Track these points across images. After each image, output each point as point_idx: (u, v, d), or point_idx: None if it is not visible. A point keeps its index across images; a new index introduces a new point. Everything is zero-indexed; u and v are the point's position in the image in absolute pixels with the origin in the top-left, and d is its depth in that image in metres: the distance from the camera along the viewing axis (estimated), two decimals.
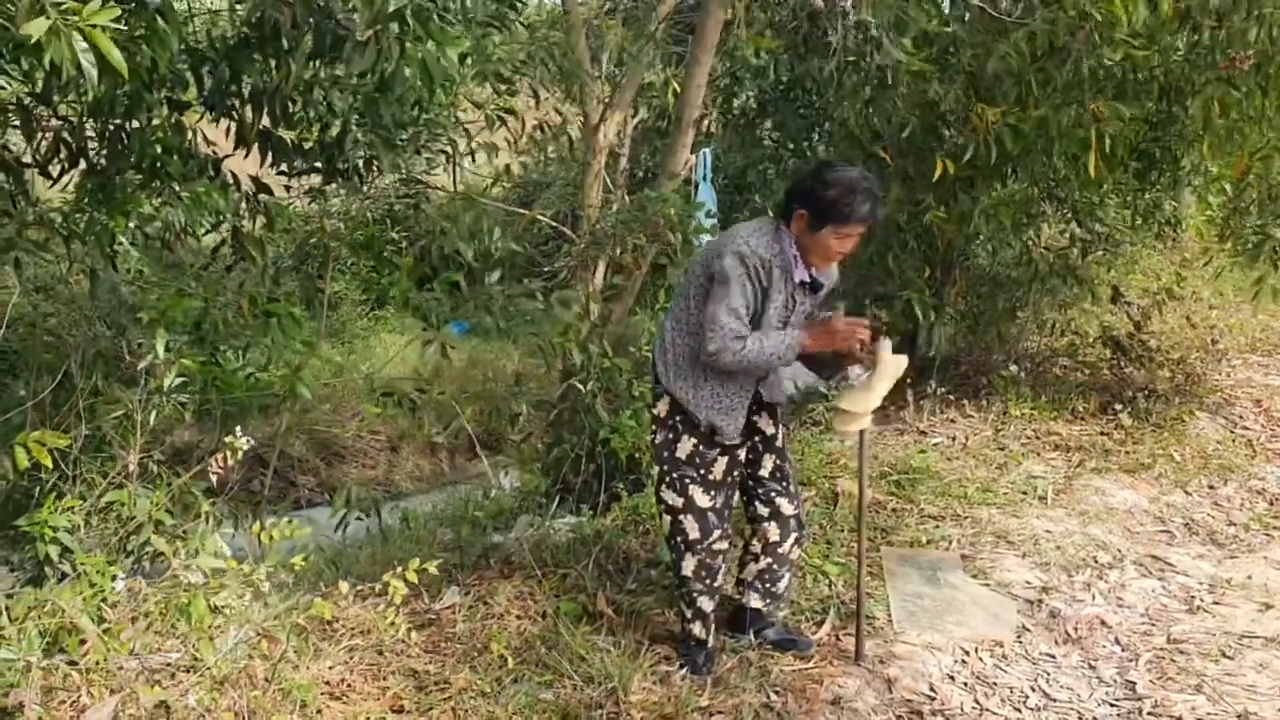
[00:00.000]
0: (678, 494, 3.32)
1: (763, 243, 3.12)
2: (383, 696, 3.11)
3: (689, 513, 3.32)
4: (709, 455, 3.29)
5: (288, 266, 6.28)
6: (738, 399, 3.26)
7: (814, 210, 3.07)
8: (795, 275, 3.18)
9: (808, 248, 3.15)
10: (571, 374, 5.40)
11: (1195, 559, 4.65)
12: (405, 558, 3.99)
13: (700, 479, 3.30)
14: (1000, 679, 3.59)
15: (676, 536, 3.38)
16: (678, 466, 3.31)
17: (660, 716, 3.09)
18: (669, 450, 3.33)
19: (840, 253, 3.16)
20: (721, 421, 3.24)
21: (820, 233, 3.08)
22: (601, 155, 6.28)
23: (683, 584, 3.41)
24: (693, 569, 3.37)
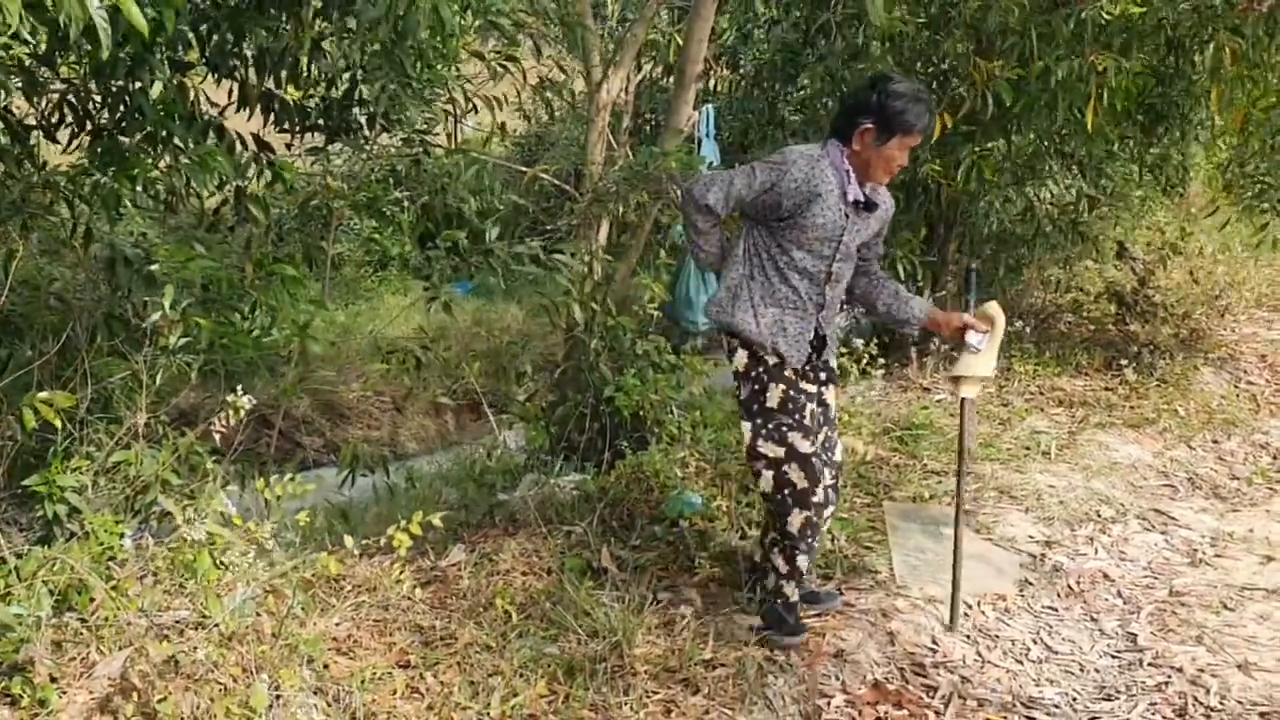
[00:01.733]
0: (778, 444, 3.22)
1: (812, 161, 3.11)
2: (389, 651, 3.14)
3: (793, 460, 3.22)
4: (800, 400, 3.24)
5: (290, 227, 6.25)
6: (798, 325, 3.22)
7: (880, 121, 3.07)
8: (849, 194, 3.15)
9: (869, 162, 3.14)
10: (575, 333, 5.40)
11: (1198, 513, 4.67)
12: (410, 516, 4.04)
13: (798, 424, 3.22)
14: (1003, 632, 3.61)
15: (783, 490, 3.25)
16: (771, 416, 3.22)
17: (664, 669, 3.12)
18: (758, 402, 3.24)
19: (901, 164, 3.17)
20: (786, 348, 3.21)
21: (886, 144, 3.09)
22: (604, 112, 6.22)
23: (786, 540, 3.31)
24: (799, 525, 3.26)
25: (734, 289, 3.26)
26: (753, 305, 3.22)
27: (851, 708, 3.09)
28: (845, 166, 3.14)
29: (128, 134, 4.43)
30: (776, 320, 3.21)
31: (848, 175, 3.14)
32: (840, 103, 3.30)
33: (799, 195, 3.09)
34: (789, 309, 3.22)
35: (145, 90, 4.28)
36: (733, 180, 3.15)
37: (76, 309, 4.85)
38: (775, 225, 3.18)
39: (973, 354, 3.35)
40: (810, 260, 3.19)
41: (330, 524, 4.59)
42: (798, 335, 3.23)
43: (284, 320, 5.02)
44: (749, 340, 3.22)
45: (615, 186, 5.62)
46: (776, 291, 3.21)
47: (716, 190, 3.16)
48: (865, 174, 3.17)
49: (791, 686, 3.16)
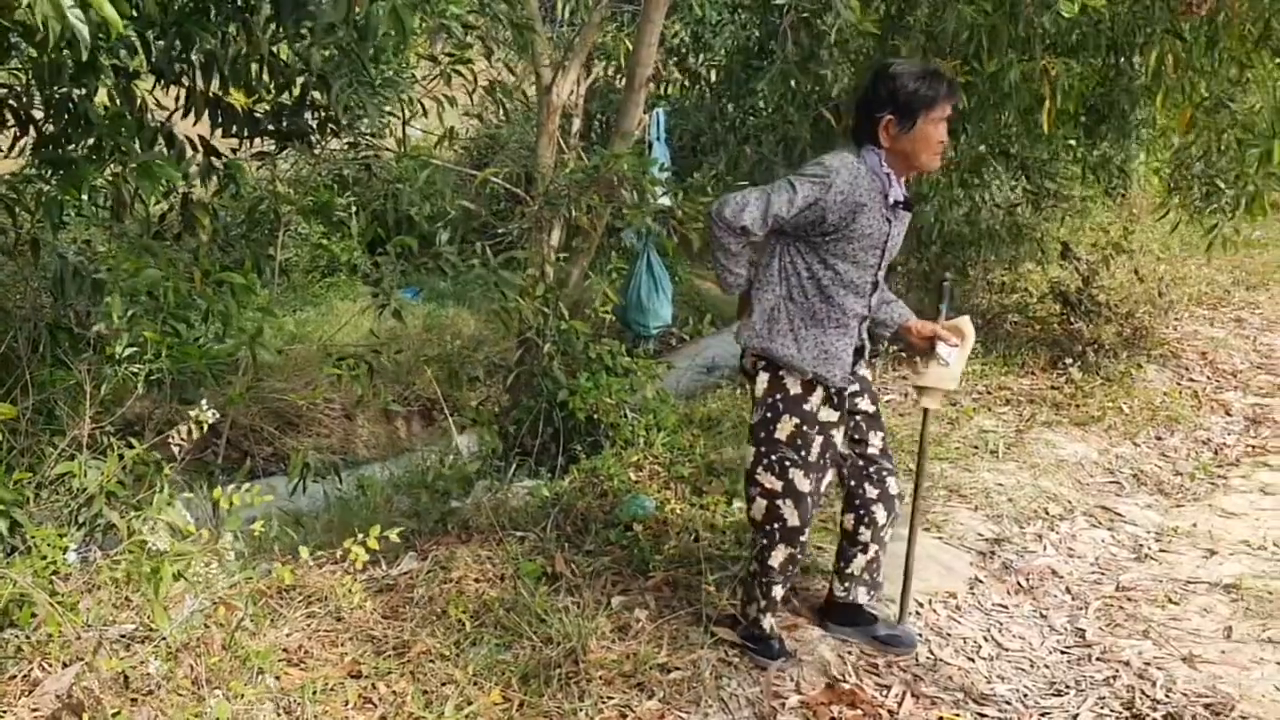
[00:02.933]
0: (776, 477, 3.12)
1: (847, 165, 2.97)
2: (341, 662, 3.11)
3: (788, 497, 3.12)
4: (810, 435, 3.10)
5: (238, 234, 6.19)
6: (841, 342, 3.08)
7: (899, 107, 2.94)
8: (891, 195, 3.02)
9: (908, 152, 3.00)
10: (528, 337, 5.40)
11: (1143, 509, 4.76)
12: (363, 525, 4.00)
13: (801, 461, 3.09)
14: (954, 630, 3.65)
15: (772, 523, 3.16)
16: (777, 448, 3.10)
17: (619, 674, 3.12)
18: (767, 430, 3.11)
19: (942, 141, 3.01)
20: (827, 370, 3.06)
21: (916, 128, 2.95)
22: (555, 115, 6.23)
23: (764, 574, 3.23)
24: (782, 560, 3.20)
25: (770, 312, 3.10)
26: (793, 329, 3.07)
27: (806, 708, 3.11)
28: (885, 169, 3.00)
29: (73, 141, 4.36)
30: (818, 343, 3.07)
31: (888, 178, 3.01)
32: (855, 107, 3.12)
33: (845, 207, 2.94)
34: (831, 327, 3.07)
35: (90, 96, 4.21)
36: (769, 198, 2.97)
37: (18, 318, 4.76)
38: (816, 240, 3.02)
39: (941, 365, 3.30)
40: (855, 272, 3.04)
41: (282, 533, 4.54)
42: (841, 354, 3.09)
43: (233, 328, 4.96)
44: (788, 366, 3.08)
45: (566, 190, 5.62)
46: (818, 311, 3.06)
47: (752, 210, 2.97)
48: (907, 166, 3.05)
49: (746, 688, 3.17)
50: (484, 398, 5.83)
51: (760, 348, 3.12)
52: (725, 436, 5.23)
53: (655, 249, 6.87)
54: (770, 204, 2.96)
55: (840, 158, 3.00)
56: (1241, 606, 3.78)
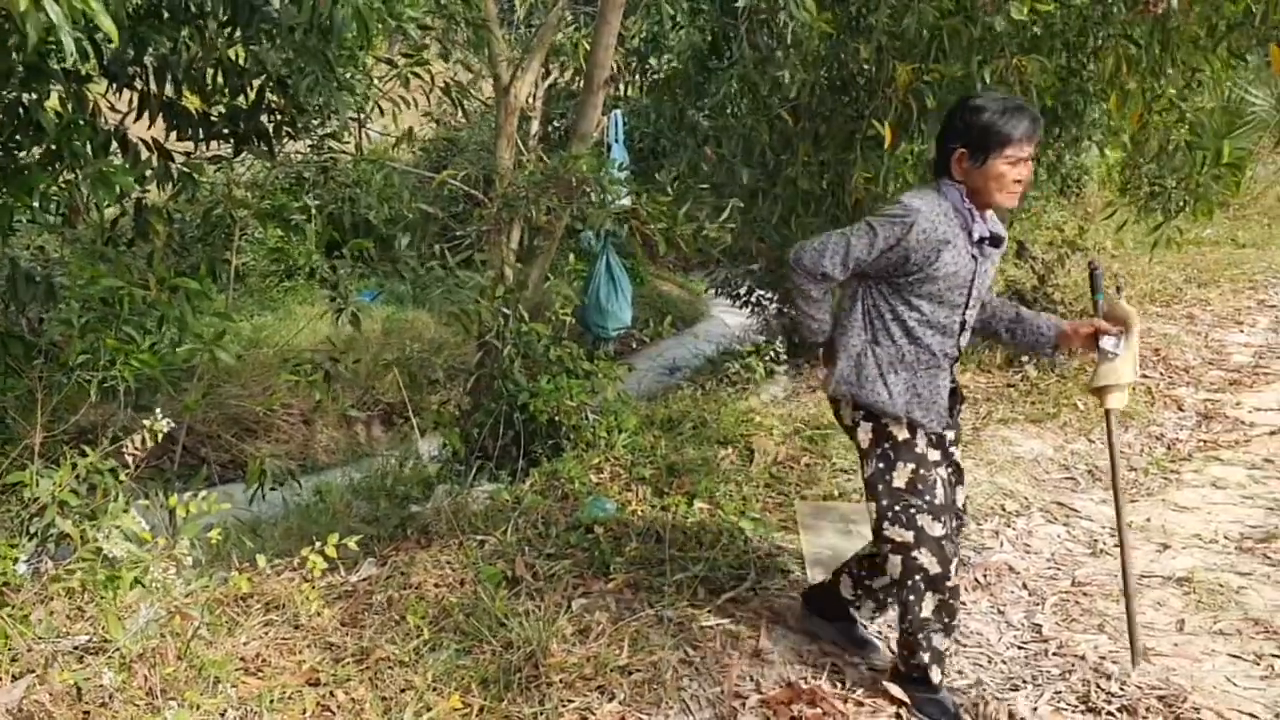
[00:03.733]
0: (905, 527, 2.94)
1: (937, 203, 2.87)
2: (299, 670, 3.09)
3: (923, 546, 2.94)
4: (930, 478, 2.95)
5: (193, 237, 6.12)
6: (933, 385, 2.98)
7: (972, 142, 2.84)
8: (974, 231, 2.90)
9: (981, 188, 2.87)
10: (488, 339, 5.38)
11: (1098, 504, 4.82)
12: (321, 532, 3.97)
13: (928, 505, 2.93)
14: None
15: (914, 576, 2.97)
16: (899, 498, 2.95)
17: (579, 677, 3.12)
18: (883, 482, 2.98)
19: (1017, 180, 2.85)
20: (922, 415, 2.96)
21: (987, 164, 2.83)
22: (513, 116, 6.21)
23: (920, 628, 3.03)
24: (933, 609, 3.01)
25: (857, 359, 3.00)
26: (882, 374, 2.96)
27: (766, 707, 3.12)
28: (967, 205, 2.89)
29: (23, 148, 4.29)
30: (909, 386, 2.96)
31: (970, 213, 2.89)
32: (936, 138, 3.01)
33: (928, 246, 2.83)
34: (921, 370, 2.97)
35: (41, 102, 4.15)
36: (849, 242, 2.88)
37: None
38: (900, 281, 2.92)
39: (1110, 360, 3.08)
40: (942, 312, 2.93)
41: (239, 540, 4.50)
42: (933, 397, 2.99)
43: (189, 334, 4.91)
44: (880, 412, 2.98)
45: (525, 191, 5.60)
46: (905, 354, 2.96)
47: (832, 255, 2.90)
48: (983, 202, 2.91)
49: (707, 689, 3.18)
50: (444, 401, 5.80)
51: (851, 395, 3.02)
52: (686, 438, 5.25)
53: (615, 251, 6.87)
54: (850, 247, 2.89)
55: (921, 195, 2.90)
56: (1194, 600, 3.84)
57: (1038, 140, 2.85)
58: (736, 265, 7.76)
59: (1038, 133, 2.84)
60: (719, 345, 8.48)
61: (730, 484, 4.65)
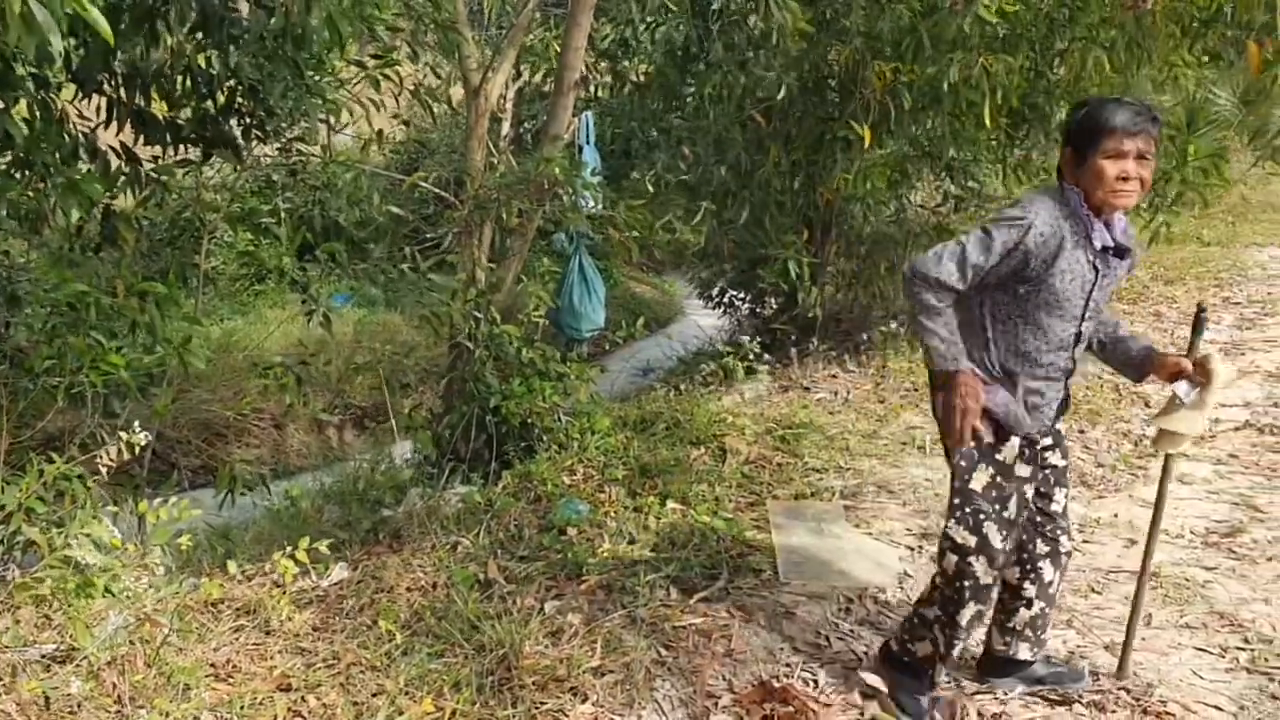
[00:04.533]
0: (971, 531, 2.91)
1: (1052, 206, 2.76)
2: (270, 675, 3.08)
3: (981, 554, 2.90)
4: (1007, 490, 2.91)
5: (162, 240, 6.08)
6: (1041, 397, 2.90)
7: (1075, 142, 2.74)
8: (1095, 240, 2.77)
9: (1089, 189, 2.74)
10: (460, 342, 5.37)
11: (1067, 500, 4.85)
12: (292, 537, 3.96)
13: (996, 515, 2.90)
14: (883, 625, 3.70)
15: (963, 580, 2.94)
16: (971, 500, 2.91)
17: (552, 679, 3.12)
18: (962, 480, 2.94)
19: (1119, 177, 2.69)
20: (1032, 423, 2.89)
21: (1089, 161, 2.71)
22: (484, 118, 6.20)
23: (950, 627, 3.02)
24: (968, 618, 2.98)
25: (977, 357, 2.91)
26: (988, 385, 2.86)
27: (739, 706, 3.13)
28: (1085, 210, 2.76)
29: None
30: (1025, 388, 2.88)
31: (1089, 219, 2.77)
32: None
33: (1046, 250, 2.73)
34: (1030, 381, 2.89)
35: (8, 109, 4.11)
36: (964, 249, 2.75)
37: None
38: (1018, 289, 2.81)
39: (1178, 406, 2.98)
40: (1059, 324, 2.82)
41: (210, 546, 4.48)
42: (1041, 407, 2.92)
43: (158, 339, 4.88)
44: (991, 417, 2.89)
45: (496, 193, 5.60)
46: (1013, 368, 2.87)
47: (949, 263, 2.75)
48: (1094, 204, 2.76)
49: (680, 689, 3.19)
50: (416, 404, 5.79)
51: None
52: (659, 438, 5.25)
53: (587, 253, 6.88)
54: (966, 254, 2.75)
55: (1039, 197, 2.80)
56: (1160, 594, 3.88)
57: (1147, 135, 2.69)
58: (711, 266, 7.78)
59: (1144, 126, 2.68)
60: (693, 346, 8.50)
61: (703, 484, 4.66)
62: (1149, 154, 2.70)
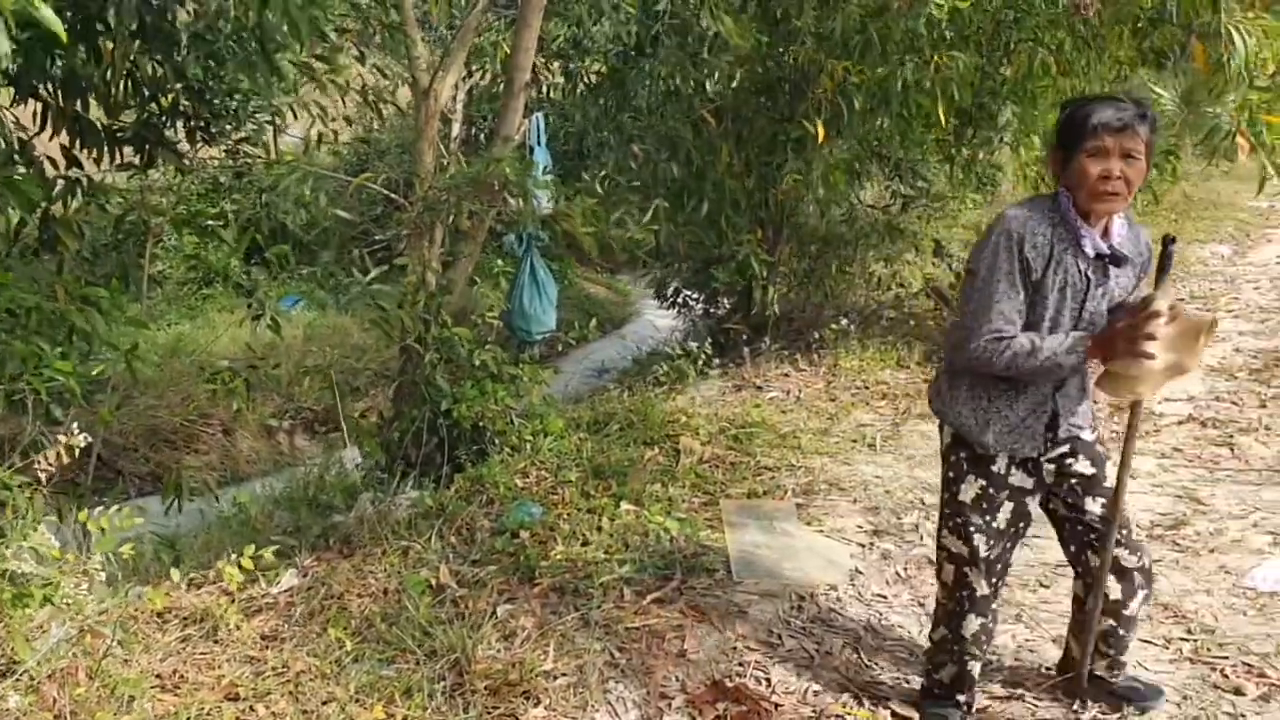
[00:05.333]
0: (963, 541, 2.90)
1: (1031, 214, 2.67)
2: (217, 685, 3.03)
3: (974, 564, 2.90)
4: (997, 499, 2.86)
5: (106, 244, 5.97)
6: (1022, 411, 2.79)
7: (1062, 140, 2.67)
8: (1086, 246, 2.67)
9: (1074, 189, 2.65)
10: (410, 345, 5.33)
11: None
12: (242, 544, 3.90)
13: (986, 527, 2.87)
14: (835, 621, 3.73)
15: (961, 591, 2.95)
16: (961, 510, 2.89)
17: (504, 683, 3.10)
18: (951, 491, 2.92)
19: (1102, 176, 2.59)
20: (1016, 444, 2.80)
21: (1073, 162, 2.62)
22: (434, 119, 6.15)
23: (957, 644, 3.01)
24: (974, 631, 2.98)
25: (953, 376, 2.89)
26: (973, 397, 2.82)
27: (691, 706, 3.14)
28: (1073, 214, 2.67)
29: None
30: (1000, 415, 2.79)
31: (1077, 225, 2.67)
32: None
33: (1038, 255, 2.65)
34: (1020, 398, 2.79)
35: None
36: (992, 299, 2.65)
37: None
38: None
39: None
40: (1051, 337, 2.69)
41: (157, 555, 4.41)
42: (1028, 425, 2.80)
43: (100, 346, 4.80)
44: (965, 436, 2.86)
45: (446, 195, 5.56)
46: (1001, 379, 2.77)
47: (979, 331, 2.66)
48: (1082, 207, 2.67)
49: (633, 690, 3.19)
50: (367, 408, 5.74)
51: (937, 410, 2.94)
52: (613, 439, 5.25)
53: (539, 254, 6.86)
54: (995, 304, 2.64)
55: (1026, 202, 2.74)
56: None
57: (1133, 132, 2.58)
58: (666, 266, 7.80)
59: (1129, 123, 2.58)
60: (647, 346, 8.51)
61: (656, 484, 4.66)
62: (1136, 152, 2.60)
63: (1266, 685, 3.22)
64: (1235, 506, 4.60)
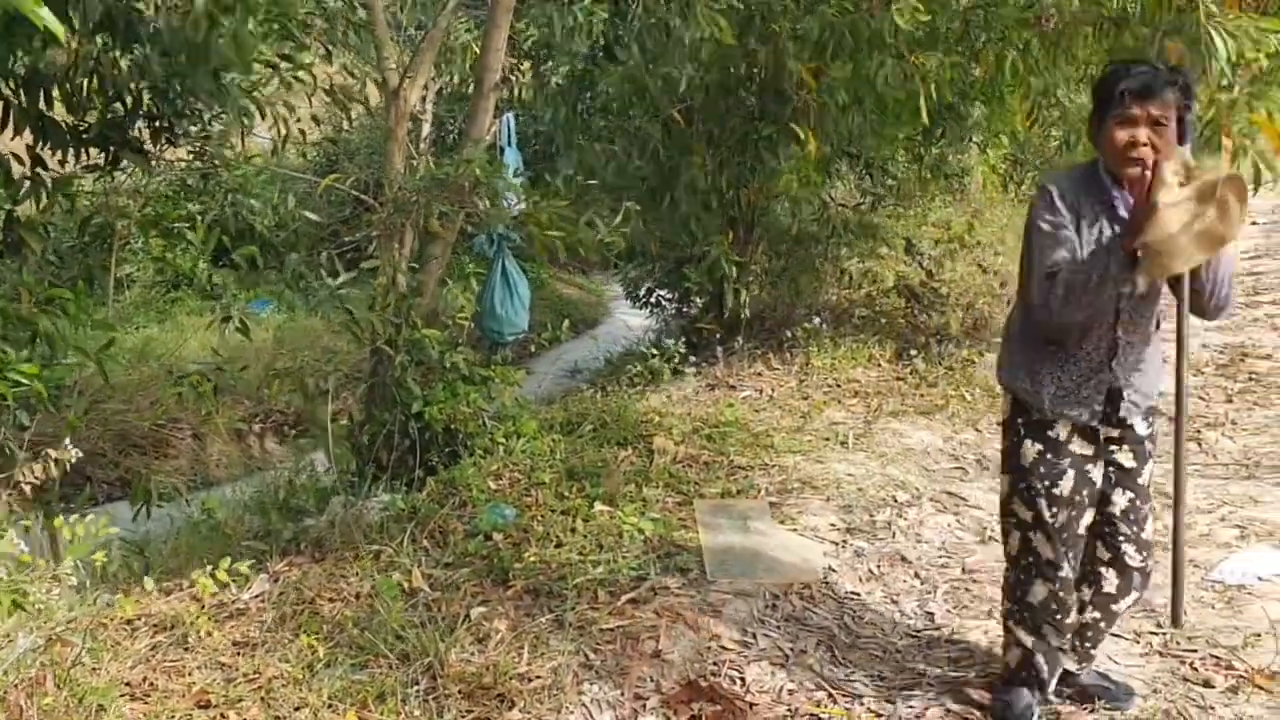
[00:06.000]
0: (1027, 507, 2.90)
1: (1069, 177, 2.77)
2: (188, 693, 3.00)
3: (1039, 529, 2.89)
4: (1058, 466, 2.85)
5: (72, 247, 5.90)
6: (1080, 380, 2.81)
7: (1094, 112, 2.72)
8: (1119, 208, 2.70)
9: (1105, 155, 2.70)
10: (380, 347, 5.30)
11: (986, 492, 4.94)
12: (211, 549, 3.87)
13: (1046, 492, 2.85)
14: (810, 620, 3.74)
15: (1027, 557, 2.94)
16: (1024, 475, 2.89)
17: (478, 686, 3.09)
18: (1014, 456, 2.92)
19: (1129, 143, 2.60)
20: (1072, 411, 2.81)
21: (1103, 128, 2.67)
22: (403, 120, 6.12)
23: (1026, 613, 2.98)
24: (1042, 598, 2.93)
25: (1012, 340, 2.96)
26: (1027, 361, 2.87)
27: (666, 707, 3.14)
28: (1106, 178, 2.74)
29: None
30: (1055, 379, 2.82)
31: (1110, 188, 2.73)
32: None
33: (1071, 214, 2.71)
34: (1070, 363, 2.80)
35: None
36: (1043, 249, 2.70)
37: None
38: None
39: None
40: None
41: (126, 562, 4.36)
42: (1083, 392, 2.81)
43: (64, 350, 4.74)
44: (1025, 401, 2.89)
45: (416, 196, 5.53)
46: (1051, 343, 2.82)
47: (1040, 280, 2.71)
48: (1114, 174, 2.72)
49: (607, 692, 3.18)
50: (338, 411, 5.69)
51: (1000, 379, 2.99)
52: (586, 440, 5.24)
53: (511, 255, 6.84)
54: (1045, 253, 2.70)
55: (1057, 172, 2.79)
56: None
57: (1162, 100, 2.57)
58: (639, 266, 7.80)
59: (1158, 90, 2.57)
60: (621, 346, 8.50)
61: (630, 485, 4.65)
62: (1165, 119, 2.59)
63: (1235, 677, 3.26)
64: (1203, 501, 4.65)
